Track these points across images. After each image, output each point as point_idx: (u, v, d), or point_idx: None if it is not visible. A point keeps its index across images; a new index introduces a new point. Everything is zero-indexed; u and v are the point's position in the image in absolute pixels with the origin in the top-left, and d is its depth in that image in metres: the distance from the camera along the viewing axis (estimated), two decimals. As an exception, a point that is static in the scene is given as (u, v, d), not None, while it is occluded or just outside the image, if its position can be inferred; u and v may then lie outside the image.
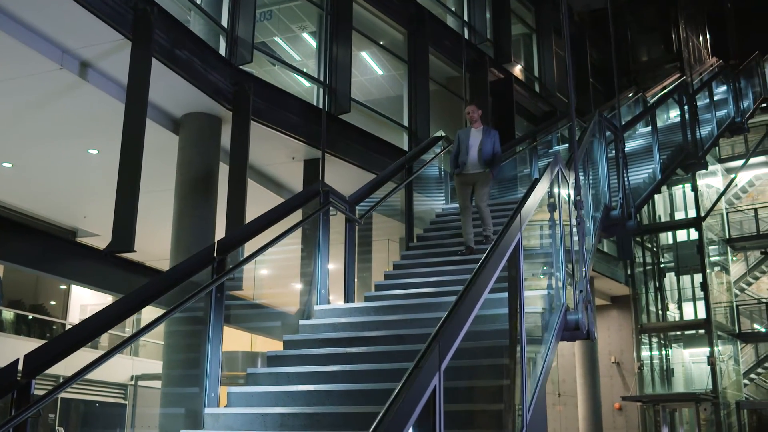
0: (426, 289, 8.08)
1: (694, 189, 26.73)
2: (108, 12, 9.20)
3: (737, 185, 30.20)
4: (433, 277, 8.48)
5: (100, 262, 10.40)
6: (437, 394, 3.33)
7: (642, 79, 28.97)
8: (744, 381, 27.34)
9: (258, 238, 6.57)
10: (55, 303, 21.87)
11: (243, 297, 11.12)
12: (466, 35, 18.76)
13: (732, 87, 23.00)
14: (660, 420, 23.73)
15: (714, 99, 21.26)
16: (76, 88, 10.39)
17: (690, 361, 27.14)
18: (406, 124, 15.80)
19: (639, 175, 14.01)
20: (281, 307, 11.22)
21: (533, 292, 6.36)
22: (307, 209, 7.96)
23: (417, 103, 15.89)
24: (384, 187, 9.92)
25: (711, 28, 33.09)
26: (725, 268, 28.75)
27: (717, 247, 28.66)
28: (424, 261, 9.27)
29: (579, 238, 7.37)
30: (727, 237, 29.17)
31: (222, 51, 11.75)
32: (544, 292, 6.59)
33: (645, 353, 26.02)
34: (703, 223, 26.26)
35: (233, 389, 5.87)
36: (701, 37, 32.56)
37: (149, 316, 5.38)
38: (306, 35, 16.94)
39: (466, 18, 19.50)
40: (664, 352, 26.68)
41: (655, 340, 26.51)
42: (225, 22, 11.97)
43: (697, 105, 19.07)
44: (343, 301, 8.04)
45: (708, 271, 26.07)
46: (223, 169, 11.53)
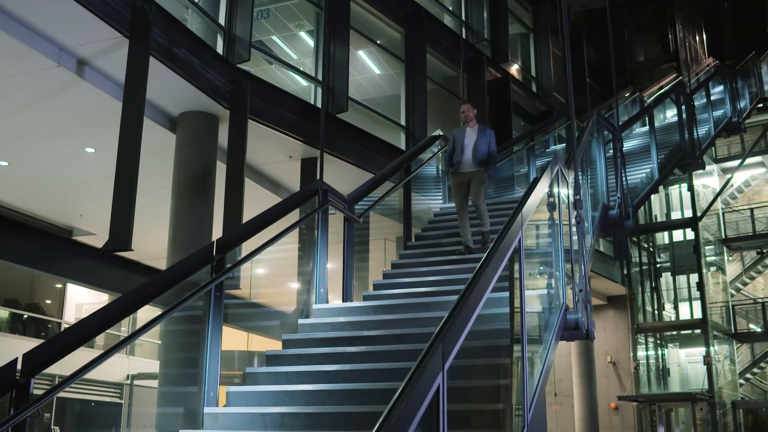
0: (425, 288, 8.06)
1: (691, 189, 26.72)
2: (106, 10, 9.17)
3: (733, 185, 30.20)
4: (431, 277, 8.45)
5: (96, 260, 10.35)
6: (441, 394, 3.30)
7: (638, 79, 29.01)
8: (740, 381, 27.35)
9: (256, 237, 6.54)
10: (50, 302, 21.79)
11: (240, 296, 11.08)
12: (463, 34, 18.74)
13: (729, 87, 22.99)
14: (656, 420, 23.74)
15: (711, 99, 21.25)
16: (73, 86, 10.36)
17: (686, 361, 27.15)
18: (403, 123, 15.77)
19: (637, 174, 14.00)
20: (279, 306, 11.18)
21: (533, 292, 6.33)
22: (305, 208, 7.92)
23: (414, 103, 15.85)
24: (382, 187, 9.87)
25: (707, 28, 33.13)
26: (721, 268, 28.76)
27: (713, 247, 28.68)
28: (423, 260, 9.23)
29: (578, 238, 7.35)
30: (723, 237, 29.17)
31: (219, 49, 11.72)
32: (544, 291, 6.56)
33: (641, 353, 26.03)
34: (699, 223, 26.28)
35: (232, 389, 5.83)
36: (698, 37, 32.60)
37: (144, 315, 5.34)
38: (303, 34, 16.91)
39: (463, 17, 19.50)
40: (660, 352, 26.68)
41: (651, 339, 26.52)
42: (222, 21, 11.93)
43: (695, 105, 19.06)
44: (341, 301, 8.01)
45: (704, 271, 26.07)
46: (220, 168, 11.50)
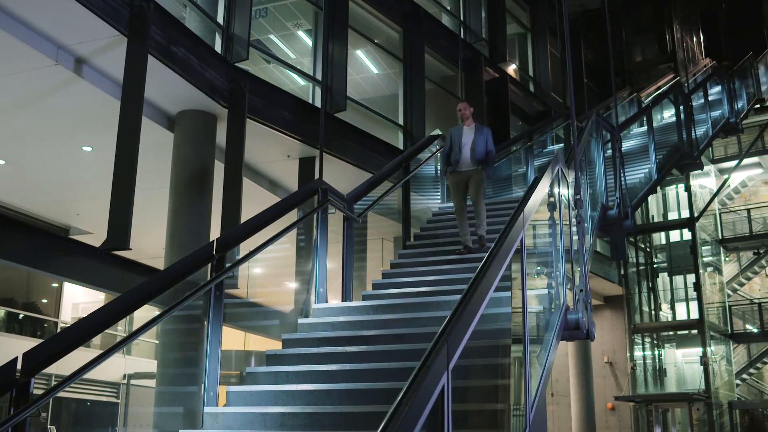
0: (424, 288, 8.03)
1: (688, 189, 26.74)
2: (104, 8, 9.13)
3: (730, 186, 30.24)
4: (431, 276, 8.43)
5: (93, 259, 10.30)
6: (446, 394, 3.28)
7: (636, 80, 29.01)
8: (736, 381, 27.39)
9: (255, 236, 6.51)
10: (46, 301, 21.73)
11: (238, 296, 11.05)
12: (461, 34, 18.72)
13: (726, 88, 23.03)
14: (652, 420, 23.75)
15: (709, 99, 21.27)
16: (71, 85, 10.32)
17: (682, 362, 27.17)
18: (401, 122, 15.75)
19: (635, 175, 13.99)
20: (278, 305, 11.15)
21: (533, 291, 6.31)
22: (304, 207, 7.90)
23: (412, 102, 15.82)
24: (381, 186, 9.83)
25: (704, 28, 33.16)
26: (718, 269, 28.79)
27: (710, 247, 28.70)
28: (422, 260, 9.20)
29: (579, 237, 7.34)
30: (719, 237, 29.21)
31: (218, 48, 11.68)
32: (545, 291, 6.54)
33: (638, 353, 26.04)
34: (696, 224, 26.30)
35: (232, 388, 5.80)
36: (695, 38, 32.62)
37: (141, 315, 5.30)
38: (301, 33, 16.87)
39: (461, 17, 19.47)
40: (657, 352, 26.69)
41: (648, 340, 26.53)
42: (221, 20, 11.90)
43: (693, 105, 19.08)
44: (340, 300, 7.98)
45: (701, 271, 26.09)
46: (218, 167, 11.47)
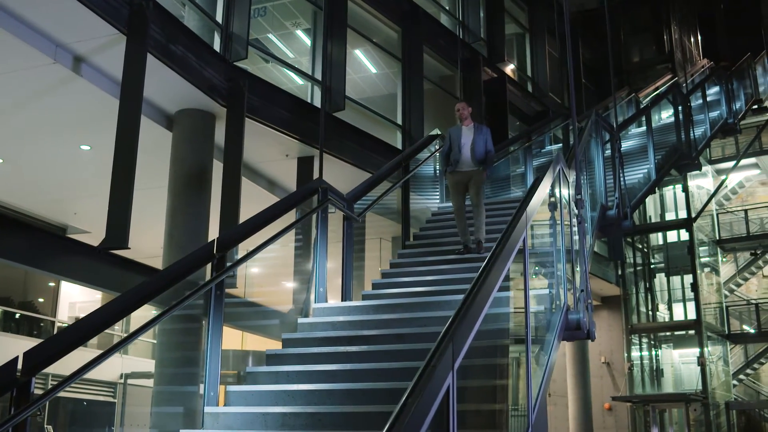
0: (424, 288, 8.00)
1: (685, 190, 26.78)
2: (103, 6, 9.10)
3: (727, 186, 30.28)
4: (430, 276, 8.40)
5: (91, 258, 10.28)
6: (451, 394, 3.26)
7: (633, 80, 29.01)
8: (733, 382, 27.42)
9: (255, 235, 6.48)
10: (43, 300, 21.68)
11: (236, 295, 11.03)
12: (460, 34, 18.70)
13: (725, 88, 23.05)
14: (650, 420, 23.75)
15: (707, 100, 21.29)
16: (70, 83, 10.29)
17: (680, 362, 27.20)
18: (399, 122, 15.72)
19: (634, 175, 13.99)
20: (277, 305, 11.12)
21: (535, 291, 6.29)
22: (303, 207, 7.86)
23: (411, 102, 15.80)
24: (380, 186, 9.80)
25: (702, 29, 33.18)
26: (715, 269, 28.81)
27: (707, 248, 28.72)
28: (421, 260, 9.18)
29: (579, 237, 7.32)
30: (717, 238, 29.24)
31: (217, 47, 11.65)
32: (546, 291, 6.52)
33: (635, 353, 26.05)
34: (693, 224, 26.32)
35: (232, 388, 5.77)
36: (692, 39, 32.64)
37: (139, 314, 5.26)
38: (299, 32, 16.85)
39: (460, 17, 19.45)
40: (654, 353, 26.72)
41: (645, 340, 26.55)
42: (220, 18, 11.87)
43: (691, 106, 19.10)
44: (339, 300, 7.95)
45: (698, 272, 26.12)
46: (217, 166, 11.43)
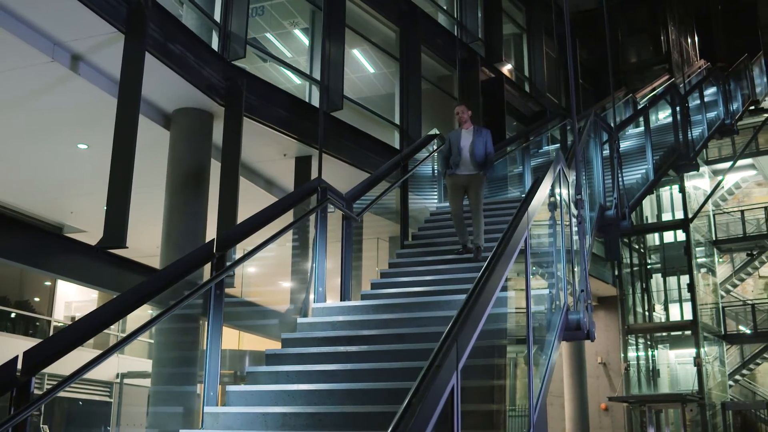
0: (423, 287, 7.99)
1: (682, 191, 26.81)
2: (101, 4, 9.07)
3: (724, 187, 30.31)
4: (429, 276, 8.38)
5: (88, 257, 10.24)
6: (455, 394, 3.24)
7: (630, 81, 29.03)
8: (729, 382, 27.46)
9: (254, 235, 6.45)
10: (39, 299, 21.60)
11: (233, 295, 11.01)
12: (457, 34, 18.69)
13: (722, 89, 23.08)
14: (646, 420, 23.75)
15: (704, 101, 21.30)
16: (67, 82, 10.25)
17: (676, 362, 27.23)
18: (397, 122, 15.70)
19: (632, 175, 13.99)
20: (275, 305, 11.10)
21: (535, 291, 6.28)
22: (303, 206, 7.84)
23: (409, 102, 15.78)
24: (379, 186, 9.78)
25: (699, 30, 33.22)
26: (711, 270, 28.85)
27: (703, 248, 28.77)
28: (420, 260, 9.16)
29: (579, 237, 7.31)
30: (713, 239, 29.28)
31: (215, 46, 11.62)
32: (546, 291, 6.51)
33: (631, 354, 26.07)
34: (690, 225, 26.34)
35: (232, 388, 5.75)
36: (689, 39, 32.67)
37: (136, 314, 5.23)
38: (298, 32, 16.82)
39: (457, 17, 19.44)
40: (651, 353, 26.74)
41: (641, 340, 26.58)
42: (218, 17, 11.83)
43: (689, 106, 19.10)
44: (339, 300, 7.93)
45: (694, 272, 26.15)
46: (215, 165, 11.40)
